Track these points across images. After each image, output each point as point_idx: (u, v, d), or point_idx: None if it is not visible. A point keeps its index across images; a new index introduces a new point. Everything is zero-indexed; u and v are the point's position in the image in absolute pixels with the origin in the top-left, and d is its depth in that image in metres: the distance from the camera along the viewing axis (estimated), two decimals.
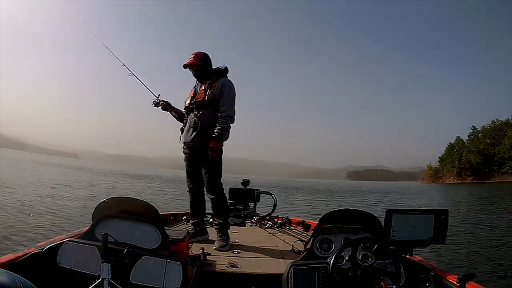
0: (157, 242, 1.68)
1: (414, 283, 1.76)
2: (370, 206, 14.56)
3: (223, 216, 2.69)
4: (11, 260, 1.57)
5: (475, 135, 78.00)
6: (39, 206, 8.16)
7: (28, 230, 5.56)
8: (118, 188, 17.17)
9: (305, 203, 14.72)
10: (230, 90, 2.66)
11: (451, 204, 16.27)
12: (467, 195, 24.20)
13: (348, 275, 1.58)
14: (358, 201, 18.14)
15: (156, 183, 23.52)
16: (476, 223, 9.33)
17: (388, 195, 23.73)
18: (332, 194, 24.06)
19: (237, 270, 1.99)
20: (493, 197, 21.91)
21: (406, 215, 1.75)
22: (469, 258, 5.20)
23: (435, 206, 11.75)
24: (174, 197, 13.82)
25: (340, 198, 19.95)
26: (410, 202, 18.87)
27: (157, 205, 1.91)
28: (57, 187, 13.95)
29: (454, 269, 4.28)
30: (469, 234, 7.38)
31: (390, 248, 1.71)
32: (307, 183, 45.91)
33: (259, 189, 3.96)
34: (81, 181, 18.96)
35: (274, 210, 3.85)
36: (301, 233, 3.07)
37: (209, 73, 2.72)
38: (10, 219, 6.38)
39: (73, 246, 1.64)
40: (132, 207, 1.75)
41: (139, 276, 1.58)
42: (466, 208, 14.22)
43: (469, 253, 5.53)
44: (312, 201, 16.74)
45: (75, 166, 44.51)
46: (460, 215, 11.06)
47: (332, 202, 16.68)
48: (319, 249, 1.83)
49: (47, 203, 8.82)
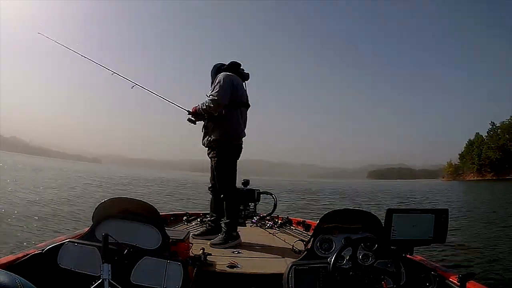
0: (158, 242, 1.68)
1: (415, 282, 1.76)
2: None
3: (228, 216, 2.67)
4: (12, 261, 1.57)
5: (494, 131, 76.51)
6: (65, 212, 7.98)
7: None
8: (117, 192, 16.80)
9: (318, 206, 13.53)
10: (218, 78, 2.68)
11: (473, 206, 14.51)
12: (488, 194, 22.41)
13: (349, 274, 1.58)
14: (373, 205, 14.65)
15: (164, 186, 22.73)
16: (491, 223, 9.06)
17: (408, 198, 19.63)
18: (349, 196, 21.02)
19: (237, 270, 1.99)
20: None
21: (407, 215, 1.76)
22: (470, 258, 5.20)
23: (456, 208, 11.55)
24: (174, 197, 13.83)
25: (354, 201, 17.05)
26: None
27: (158, 205, 1.91)
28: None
29: (459, 269, 4.29)
30: (479, 234, 7.29)
31: (390, 248, 1.71)
32: (318, 184, 43.77)
33: (259, 189, 3.96)
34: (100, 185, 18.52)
35: (274, 210, 3.85)
36: (302, 233, 3.06)
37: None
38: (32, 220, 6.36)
39: (74, 246, 1.64)
40: (132, 208, 1.76)
41: (140, 277, 1.58)
42: (485, 208, 13.49)
43: (470, 252, 5.52)
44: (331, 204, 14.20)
45: (94, 171, 43.29)
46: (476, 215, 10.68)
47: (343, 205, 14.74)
48: (319, 249, 1.83)
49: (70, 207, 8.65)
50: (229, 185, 2.72)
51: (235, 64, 2.83)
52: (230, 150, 2.71)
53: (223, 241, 2.53)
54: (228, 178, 2.71)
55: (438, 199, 19.38)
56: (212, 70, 2.85)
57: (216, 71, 2.80)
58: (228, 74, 2.72)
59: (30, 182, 15.12)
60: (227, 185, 2.72)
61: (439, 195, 22.72)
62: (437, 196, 21.58)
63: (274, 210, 3.85)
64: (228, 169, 2.71)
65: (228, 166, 2.71)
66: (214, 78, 2.76)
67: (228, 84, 2.64)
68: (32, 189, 12.52)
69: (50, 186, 14.58)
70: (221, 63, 2.85)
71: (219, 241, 2.54)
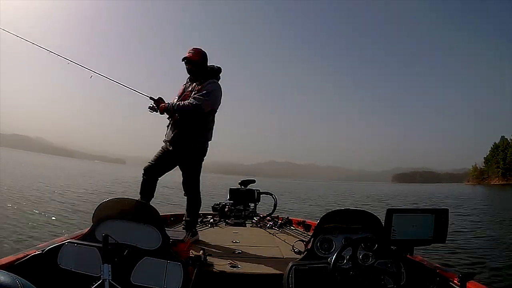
0: (158, 243, 1.68)
1: (415, 282, 1.76)
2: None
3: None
4: (12, 261, 1.57)
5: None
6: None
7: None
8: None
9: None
10: (212, 87, 2.67)
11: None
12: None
13: (349, 275, 1.58)
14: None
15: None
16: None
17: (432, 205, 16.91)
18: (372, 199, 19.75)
19: (237, 270, 1.99)
20: None
21: (407, 215, 1.76)
22: (470, 257, 5.19)
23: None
24: (174, 198, 13.78)
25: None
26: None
27: (158, 206, 1.91)
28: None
29: (459, 269, 4.29)
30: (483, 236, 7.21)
31: (390, 248, 1.72)
32: (336, 187, 42.28)
33: (259, 189, 3.96)
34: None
35: (274, 210, 3.85)
36: (302, 233, 3.06)
37: (203, 73, 2.74)
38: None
39: (74, 247, 1.65)
40: (133, 208, 1.75)
41: (140, 277, 1.58)
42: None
43: (470, 252, 5.52)
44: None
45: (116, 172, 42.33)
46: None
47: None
48: (319, 249, 1.83)
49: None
50: (197, 183, 2.82)
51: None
52: (203, 152, 2.78)
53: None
54: (197, 178, 2.81)
55: (460, 204, 17.37)
56: (203, 65, 2.75)
57: (212, 74, 2.78)
58: (219, 85, 2.76)
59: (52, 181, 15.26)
60: (195, 185, 2.80)
61: (460, 200, 20.60)
62: (458, 201, 19.37)
63: (274, 210, 3.85)
64: (199, 170, 2.80)
65: (200, 167, 2.80)
66: (204, 76, 2.73)
67: (219, 97, 2.73)
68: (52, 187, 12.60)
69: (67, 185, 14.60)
70: (219, 66, 2.82)
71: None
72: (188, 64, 2.72)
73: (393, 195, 25.57)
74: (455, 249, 5.54)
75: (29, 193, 10.28)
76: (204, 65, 2.74)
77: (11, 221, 6.14)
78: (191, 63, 2.71)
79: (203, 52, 2.74)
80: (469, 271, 1.64)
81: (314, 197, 20.16)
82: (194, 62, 2.70)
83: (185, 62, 2.72)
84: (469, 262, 4.92)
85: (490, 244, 6.35)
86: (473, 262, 4.92)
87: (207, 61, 2.77)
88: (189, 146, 2.69)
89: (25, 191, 10.55)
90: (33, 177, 16.27)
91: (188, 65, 2.73)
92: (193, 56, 2.70)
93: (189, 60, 2.70)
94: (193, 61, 2.70)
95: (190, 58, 2.70)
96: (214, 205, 3.77)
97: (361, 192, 29.29)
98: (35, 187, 12.03)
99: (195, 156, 2.73)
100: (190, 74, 2.78)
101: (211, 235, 2.93)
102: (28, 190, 10.80)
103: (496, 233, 7.61)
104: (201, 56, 2.73)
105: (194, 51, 2.71)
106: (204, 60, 2.75)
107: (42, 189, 11.78)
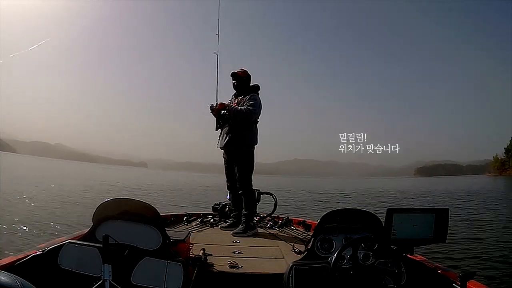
0: (158, 243, 1.68)
1: (416, 282, 1.76)
2: None
3: (246, 208, 3.16)
4: (12, 262, 1.57)
5: None
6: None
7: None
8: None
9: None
10: (257, 99, 3.17)
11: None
12: None
13: (349, 274, 1.58)
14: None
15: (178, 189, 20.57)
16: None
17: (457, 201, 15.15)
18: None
19: (238, 270, 1.99)
20: None
21: (407, 214, 1.75)
22: (470, 257, 5.18)
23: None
24: (174, 198, 13.81)
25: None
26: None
27: (158, 206, 1.91)
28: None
29: (459, 268, 4.28)
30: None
31: (391, 248, 1.71)
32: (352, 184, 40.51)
33: (259, 189, 3.96)
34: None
35: (274, 210, 3.85)
36: (302, 233, 3.07)
37: (246, 89, 3.24)
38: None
39: (74, 247, 1.65)
40: (133, 208, 1.76)
41: (140, 277, 1.59)
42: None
43: (471, 252, 5.50)
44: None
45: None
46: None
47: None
48: (320, 249, 1.83)
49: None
50: (249, 183, 3.21)
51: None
52: (252, 154, 3.24)
53: (243, 231, 2.98)
54: (249, 177, 3.22)
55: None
56: (247, 82, 3.25)
57: (252, 89, 3.25)
58: (260, 98, 3.24)
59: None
60: (248, 183, 3.20)
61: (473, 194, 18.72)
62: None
63: (275, 210, 3.84)
64: (251, 170, 3.23)
65: (251, 168, 3.23)
66: (247, 91, 3.21)
67: (261, 107, 3.22)
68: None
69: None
70: (258, 84, 3.30)
71: (240, 230, 2.99)
72: (234, 79, 3.25)
73: (425, 190, 23.98)
74: (455, 249, 5.53)
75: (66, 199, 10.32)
76: (247, 82, 3.26)
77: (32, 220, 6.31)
78: (237, 78, 3.24)
79: (247, 72, 3.29)
80: (470, 271, 1.62)
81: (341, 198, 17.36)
82: (239, 78, 3.24)
83: (232, 77, 3.24)
84: (470, 262, 4.91)
85: (492, 243, 6.34)
86: (474, 262, 4.92)
87: (250, 79, 3.28)
88: (242, 150, 3.17)
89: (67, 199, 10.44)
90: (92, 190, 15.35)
91: (234, 80, 3.25)
92: (240, 73, 3.24)
93: (236, 75, 3.23)
94: (239, 76, 3.24)
95: (237, 74, 3.24)
96: (214, 205, 3.77)
97: (394, 188, 28.00)
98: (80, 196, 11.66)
99: (247, 158, 3.19)
100: (235, 89, 3.30)
101: (211, 235, 2.93)
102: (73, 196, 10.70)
103: (499, 233, 7.55)
104: (246, 74, 3.26)
105: (242, 70, 3.27)
106: (248, 78, 3.27)
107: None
